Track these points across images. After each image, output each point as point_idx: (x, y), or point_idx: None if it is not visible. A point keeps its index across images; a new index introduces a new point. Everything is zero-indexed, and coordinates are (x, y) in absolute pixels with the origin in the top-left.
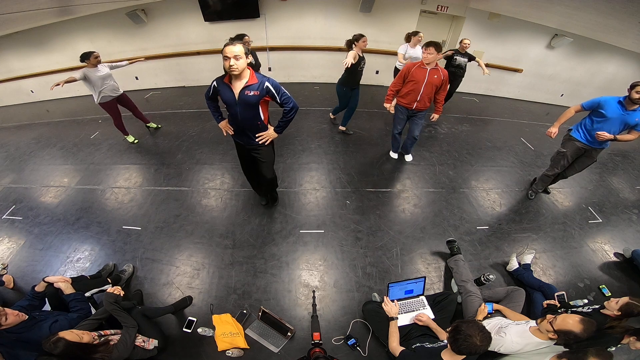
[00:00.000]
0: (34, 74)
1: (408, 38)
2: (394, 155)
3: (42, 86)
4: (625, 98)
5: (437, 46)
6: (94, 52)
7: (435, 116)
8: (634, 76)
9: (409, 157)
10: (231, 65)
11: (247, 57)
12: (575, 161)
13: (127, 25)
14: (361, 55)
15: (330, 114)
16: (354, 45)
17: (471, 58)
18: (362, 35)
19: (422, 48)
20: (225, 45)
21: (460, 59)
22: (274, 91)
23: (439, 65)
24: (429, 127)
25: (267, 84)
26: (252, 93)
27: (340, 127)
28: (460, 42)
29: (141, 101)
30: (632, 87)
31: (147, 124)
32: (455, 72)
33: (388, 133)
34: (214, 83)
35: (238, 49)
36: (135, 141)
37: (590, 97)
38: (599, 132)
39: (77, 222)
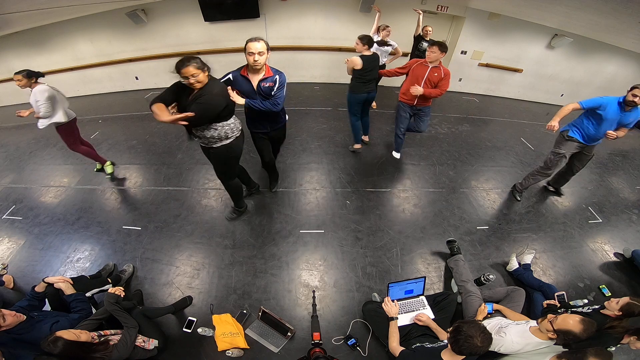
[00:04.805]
0: None
1: (377, 31)
2: (397, 155)
3: None
4: (624, 99)
5: (442, 46)
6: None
7: (416, 89)
8: (634, 76)
9: (397, 155)
10: (255, 60)
11: (268, 53)
12: (575, 159)
13: (127, 25)
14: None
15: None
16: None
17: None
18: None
19: (427, 47)
20: (248, 42)
21: (425, 45)
22: (277, 85)
23: (442, 65)
24: (429, 127)
25: (276, 77)
26: (267, 85)
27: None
28: (423, 28)
29: (141, 101)
30: (631, 89)
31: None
32: (420, 57)
33: (388, 133)
34: (230, 76)
35: (261, 45)
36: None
37: (591, 97)
38: (609, 133)
39: (77, 222)
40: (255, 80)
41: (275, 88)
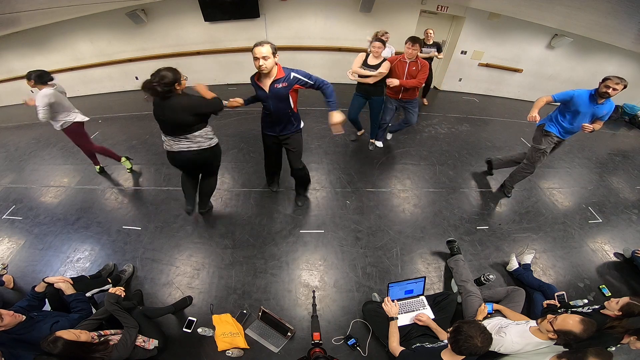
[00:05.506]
0: None
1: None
2: (379, 144)
3: None
4: (595, 91)
5: (418, 41)
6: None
7: (391, 81)
8: (633, 76)
9: (379, 144)
10: (261, 65)
11: (274, 56)
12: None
13: (127, 25)
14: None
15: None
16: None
17: (439, 48)
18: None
19: (405, 43)
20: (254, 46)
21: (426, 50)
22: (303, 78)
23: (419, 58)
24: (429, 127)
25: (293, 74)
26: (280, 85)
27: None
28: (425, 31)
29: (141, 101)
30: (603, 80)
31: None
32: None
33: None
34: (251, 82)
35: (266, 49)
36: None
37: None
38: (585, 125)
39: (77, 222)
40: (267, 83)
41: (308, 80)
